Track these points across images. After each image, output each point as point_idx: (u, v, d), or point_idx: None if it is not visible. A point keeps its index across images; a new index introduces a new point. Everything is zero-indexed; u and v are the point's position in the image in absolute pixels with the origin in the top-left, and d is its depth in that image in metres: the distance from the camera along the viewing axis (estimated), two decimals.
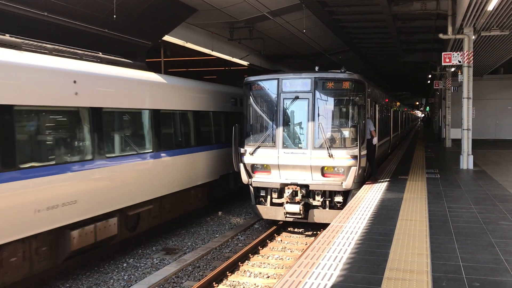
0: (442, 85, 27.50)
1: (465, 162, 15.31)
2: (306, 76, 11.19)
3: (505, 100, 31.05)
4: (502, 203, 9.53)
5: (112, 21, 11.68)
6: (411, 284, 5.12)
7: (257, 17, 16.66)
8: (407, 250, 6.36)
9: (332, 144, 10.91)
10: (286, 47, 22.84)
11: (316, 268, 5.70)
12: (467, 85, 15.26)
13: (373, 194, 10.49)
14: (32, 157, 7.54)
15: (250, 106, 11.81)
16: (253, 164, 11.49)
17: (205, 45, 19.05)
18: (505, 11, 13.01)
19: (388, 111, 19.69)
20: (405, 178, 12.84)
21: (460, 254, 6.16)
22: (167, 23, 14.69)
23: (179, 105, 11.74)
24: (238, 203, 15.38)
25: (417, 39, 23.15)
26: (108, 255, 9.99)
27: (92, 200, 8.58)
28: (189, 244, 10.92)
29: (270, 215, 11.50)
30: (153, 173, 10.47)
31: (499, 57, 22.59)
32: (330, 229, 7.59)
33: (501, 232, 7.28)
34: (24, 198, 7.19)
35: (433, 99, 45.40)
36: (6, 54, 7.16)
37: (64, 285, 8.40)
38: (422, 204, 9.40)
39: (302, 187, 11.04)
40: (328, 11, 17.00)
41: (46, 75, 7.71)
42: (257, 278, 8.59)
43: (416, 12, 16.55)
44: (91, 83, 8.64)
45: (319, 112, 11.06)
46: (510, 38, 17.01)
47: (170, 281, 8.40)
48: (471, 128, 15.38)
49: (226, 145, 14.01)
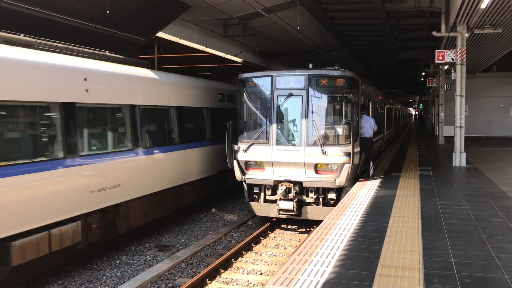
0: (436, 82, 27.63)
1: (457, 160, 15.39)
2: (300, 73, 11.19)
3: (498, 98, 31.21)
4: (494, 200, 9.60)
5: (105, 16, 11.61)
6: (403, 281, 5.14)
7: (251, 14, 16.62)
8: (400, 247, 6.39)
9: (325, 141, 10.94)
10: (280, 44, 22.81)
11: (309, 264, 5.71)
12: (460, 83, 15.34)
13: (366, 191, 10.53)
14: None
15: (244, 103, 11.80)
16: (246, 161, 11.49)
17: (199, 41, 18.98)
18: (498, 8, 13.08)
19: (381, 108, 19.75)
20: (398, 175, 12.89)
21: (451, 251, 6.20)
22: (161, 19, 14.61)
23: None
24: (231, 200, 15.38)
25: (411, 36, 23.21)
26: (101, 252, 9.97)
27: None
28: (182, 241, 10.91)
29: (264, 212, 11.52)
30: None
31: (492, 55, 22.71)
32: (323, 226, 7.60)
33: (493, 229, 7.33)
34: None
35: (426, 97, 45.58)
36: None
37: (56, 282, 8.36)
38: (415, 201, 9.45)
39: (296, 184, 11.06)
40: (322, 8, 17.00)
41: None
42: (250, 274, 8.60)
43: (409, 9, 16.59)
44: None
45: (313, 109, 11.07)
46: (503, 36, 17.10)
47: (163, 278, 8.40)
48: (464, 125, 15.47)
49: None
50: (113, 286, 8.25)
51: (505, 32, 16.03)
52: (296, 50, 24.51)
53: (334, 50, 25.34)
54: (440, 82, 26.30)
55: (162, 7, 13.64)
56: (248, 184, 11.58)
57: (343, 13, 18.21)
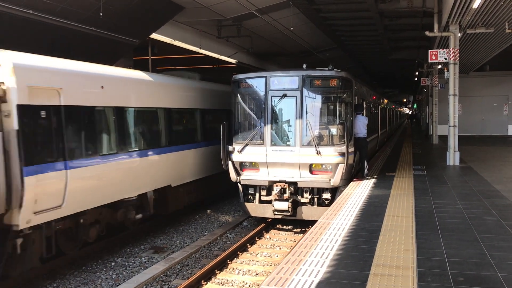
0: (429, 82, 27.75)
1: (451, 159, 15.46)
2: (294, 74, 11.21)
3: (491, 97, 31.39)
4: (487, 198, 9.66)
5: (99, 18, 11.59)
6: (396, 280, 5.17)
7: (245, 15, 16.63)
8: (394, 246, 6.42)
9: (320, 142, 10.97)
10: (274, 45, 22.84)
11: (304, 264, 5.73)
12: (453, 82, 15.41)
13: (361, 191, 10.57)
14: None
15: (238, 104, 11.81)
16: (241, 162, 11.51)
17: (193, 42, 18.98)
18: (489, 8, 13.16)
19: (375, 108, 19.80)
20: (392, 175, 12.94)
21: (445, 250, 6.23)
22: (155, 21, 14.60)
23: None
24: (226, 201, 15.37)
25: (404, 36, 23.31)
26: (96, 254, 9.94)
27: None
28: (177, 243, 10.90)
29: (259, 212, 11.53)
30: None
31: (485, 54, 22.84)
32: (318, 225, 7.63)
33: (486, 227, 7.38)
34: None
35: (420, 96, 45.75)
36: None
37: (51, 285, 8.34)
38: (409, 200, 9.49)
39: (291, 184, 11.08)
40: (315, 9, 17.05)
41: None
42: (246, 275, 8.61)
43: (402, 9, 16.66)
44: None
45: (307, 110, 11.10)
46: (495, 35, 17.21)
47: (158, 280, 8.40)
48: (457, 125, 15.54)
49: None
50: None
51: (497, 31, 16.14)
52: (290, 50, 24.55)
53: (328, 50, 25.40)
54: (434, 82, 26.41)
55: (155, 8, 13.63)
56: (243, 185, 11.59)
57: (337, 14, 18.27)
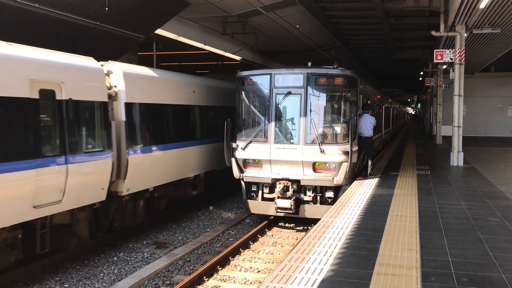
0: (434, 82, 27.62)
1: (455, 159, 15.41)
2: (299, 71, 11.18)
3: (495, 98, 31.27)
4: (491, 199, 9.62)
5: (104, 13, 11.57)
6: (400, 279, 5.15)
7: (250, 12, 16.59)
8: (397, 245, 6.40)
9: (323, 140, 10.94)
10: (279, 43, 22.78)
11: (306, 262, 5.72)
12: (458, 83, 15.34)
13: (364, 190, 10.54)
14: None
15: (242, 101, 11.79)
16: (244, 159, 11.49)
17: (197, 39, 18.94)
18: (496, 9, 13.09)
19: (379, 107, 19.75)
20: (396, 174, 12.91)
21: (449, 250, 6.21)
22: (160, 17, 14.58)
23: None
24: (229, 198, 15.38)
25: (410, 36, 23.21)
26: (98, 249, 9.96)
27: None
28: (180, 239, 10.91)
29: (261, 210, 11.52)
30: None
31: (490, 55, 22.74)
32: (321, 224, 7.61)
33: (490, 228, 7.35)
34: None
35: (424, 96, 45.59)
36: None
37: (53, 279, 8.36)
38: (413, 200, 9.47)
39: (294, 182, 11.06)
40: (321, 7, 16.99)
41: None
42: (248, 272, 8.61)
43: (408, 9, 16.59)
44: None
45: (311, 108, 11.07)
46: (501, 36, 17.12)
47: (160, 275, 8.40)
48: (461, 125, 15.48)
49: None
50: (110, 283, 8.24)
51: (503, 32, 16.05)
52: (295, 48, 24.48)
53: (333, 49, 25.32)
54: (438, 82, 26.29)
55: (161, 4, 13.61)
56: (246, 182, 11.58)
57: (342, 12, 18.20)
